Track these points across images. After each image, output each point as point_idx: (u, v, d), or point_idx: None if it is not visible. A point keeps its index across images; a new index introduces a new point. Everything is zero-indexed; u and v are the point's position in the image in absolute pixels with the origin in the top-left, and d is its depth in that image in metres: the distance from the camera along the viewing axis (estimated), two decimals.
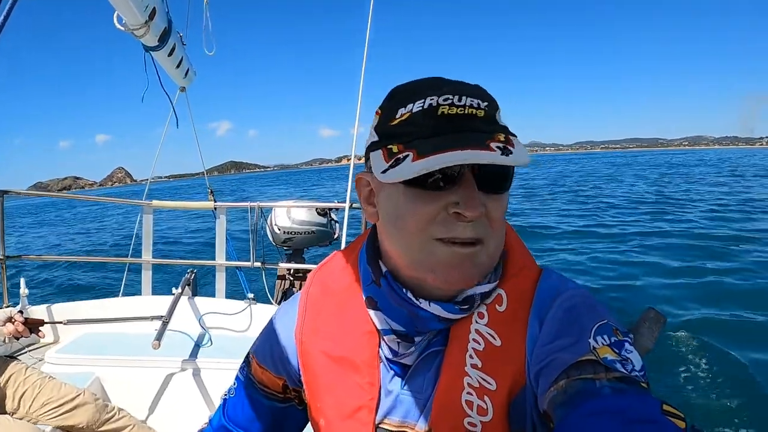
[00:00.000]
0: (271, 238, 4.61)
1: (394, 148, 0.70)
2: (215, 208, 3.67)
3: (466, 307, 0.74)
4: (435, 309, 0.74)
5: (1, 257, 3.28)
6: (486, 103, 0.69)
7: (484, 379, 0.72)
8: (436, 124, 0.68)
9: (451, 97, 0.68)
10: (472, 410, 0.72)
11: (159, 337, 2.28)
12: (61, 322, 2.63)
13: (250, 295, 3.32)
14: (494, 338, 0.74)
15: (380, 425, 0.80)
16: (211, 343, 2.85)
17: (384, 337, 0.81)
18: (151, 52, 3.11)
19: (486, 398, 0.72)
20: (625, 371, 0.61)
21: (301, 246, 4.68)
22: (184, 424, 2.40)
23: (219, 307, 3.22)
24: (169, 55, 3.34)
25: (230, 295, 3.60)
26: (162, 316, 2.56)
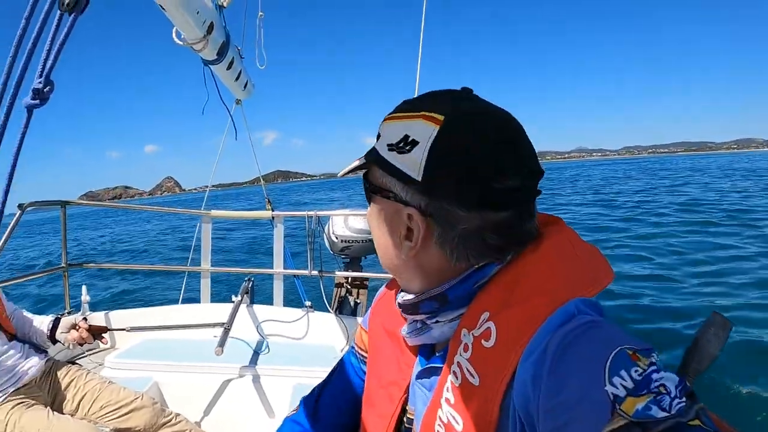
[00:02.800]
0: (328, 247, 4.65)
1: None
2: (273, 217, 3.72)
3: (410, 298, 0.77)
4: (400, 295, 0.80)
5: (64, 265, 3.46)
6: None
7: (452, 417, 0.67)
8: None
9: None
10: None
11: (221, 343, 2.32)
12: (122, 329, 2.73)
13: (308, 303, 3.35)
14: (472, 376, 0.65)
15: (405, 405, 0.83)
16: (269, 350, 2.89)
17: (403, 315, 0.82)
18: (210, 65, 3.22)
19: None
20: (664, 414, 0.49)
21: (359, 254, 4.69)
22: (242, 428, 2.44)
23: (277, 315, 3.27)
24: (228, 68, 3.44)
25: (288, 303, 3.64)
26: (222, 323, 2.61)
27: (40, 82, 0.68)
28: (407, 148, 0.69)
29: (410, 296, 0.75)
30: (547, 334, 0.59)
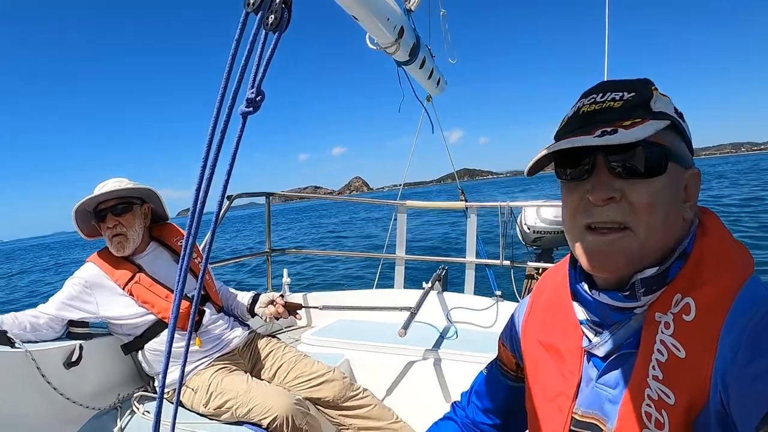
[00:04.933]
0: (520, 238, 4.61)
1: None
2: (466, 208, 3.75)
3: (627, 293, 0.75)
4: (603, 298, 0.78)
5: (267, 250, 3.83)
6: (632, 94, 0.75)
7: (663, 392, 0.69)
8: (575, 122, 0.79)
9: (596, 96, 0.77)
10: (650, 422, 0.70)
11: (406, 326, 2.41)
12: (317, 308, 2.96)
13: (498, 293, 3.35)
14: (678, 350, 0.69)
15: (575, 413, 0.84)
16: (457, 336, 2.95)
17: (582, 327, 0.85)
18: (403, 66, 3.39)
19: (663, 412, 0.68)
20: None
21: (550, 246, 4.59)
22: (424, 409, 2.52)
23: (467, 303, 3.32)
24: (421, 67, 3.58)
25: (479, 292, 3.66)
26: (411, 308, 2.73)
27: (252, 92, 0.79)
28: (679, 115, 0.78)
29: (653, 269, 0.74)
30: (748, 305, 0.66)
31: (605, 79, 0.80)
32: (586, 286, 0.81)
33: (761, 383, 0.58)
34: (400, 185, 5.32)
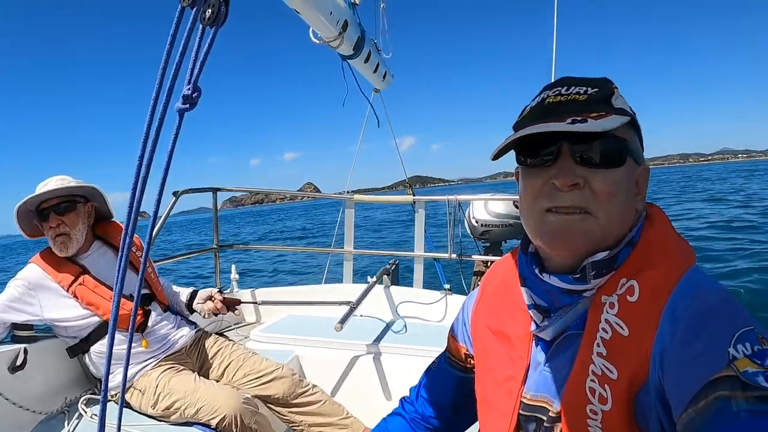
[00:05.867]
0: (468, 231, 4.67)
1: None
2: (414, 202, 3.78)
3: (578, 276, 0.78)
4: (553, 280, 0.80)
5: (215, 246, 3.77)
6: (595, 90, 0.78)
7: (606, 367, 0.72)
8: (540, 112, 0.81)
9: (560, 89, 0.80)
10: (594, 397, 0.72)
11: (343, 320, 2.41)
12: (256, 303, 2.92)
13: (447, 286, 3.38)
14: (622, 328, 0.73)
15: (524, 398, 0.86)
16: (406, 330, 2.97)
17: (530, 312, 0.87)
18: (347, 60, 3.37)
19: (606, 387, 0.71)
20: (767, 385, 0.57)
21: (499, 239, 4.66)
22: (374, 404, 2.53)
23: (415, 297, 3.34)
24: (366, 61, 3.58)
25: (427, 285, 3.70)
26: (351, 302, 2.74)
27: (189, 89, 0.76)
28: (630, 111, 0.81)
29: (603, 253, 0.77)
30: (689, 290, 0.71)
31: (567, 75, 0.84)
32: (536, 270, 0.84)
33: (697, 362, 0.62)
34: (347, 190, 5.30)
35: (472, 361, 1.05)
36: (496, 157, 0.84)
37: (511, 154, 0.85)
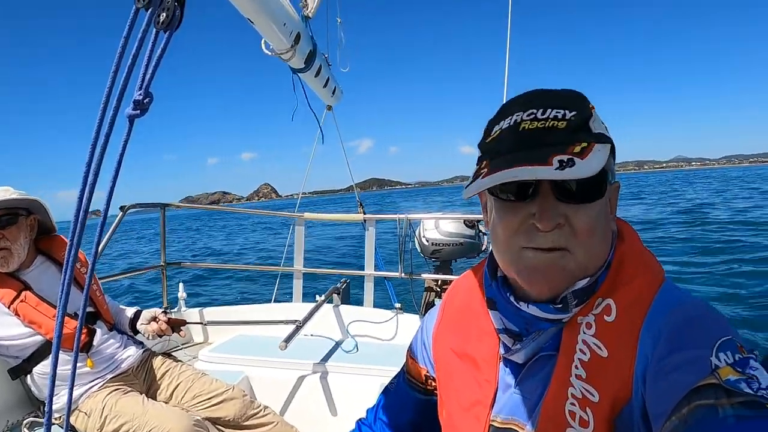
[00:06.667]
0: (419, 250, 4.68)
1: (482, 165, 0.77)
2: (365, 220, 3.77)
3: (560, 306, 0.75)
4: (533, 310, 0.77)
5: (162, 264, 3.66)
6: (573, 113, 0.73)
7: (587, 390, 0.70)
8: (516, 140, 0.74)
9: (535, 111, 0.73)
10: (574, 421, 0.70)
11: (288, 339, 2.37)
12: (212, 323, 2.84)
13: (397, 305, 3.37)
14: (600, 349, 0.71)
15: (493, 421, 0.83)
16: (357, 350, 2.94)
17: (500, 336, 0.84)
18: (298, 73, 3.34)
19: (588, 410, 0.69)
20: (750, 391, 0.57)
21: (449, 257, 4.69)
22: (327, 425, 2.49)
23: (366, 316, 3.32)
24: (316, 75, 3.55)
25: (378, 304, 3.68)
26: (298, 321, 2.69)
27: (140, 94, 0.73)
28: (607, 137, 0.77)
29: (584, 281, 0.75)
30: (666, 305, 0.70)
31: (537, 88, 0.79)
32: (512, 298, 0.80)
33: (680, 371, 0.62)
34: (300, 195, 5.26)
35: (434, 383, 1.02)
36: (470, 197, 0.78)
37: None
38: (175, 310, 2.46)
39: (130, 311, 2.46)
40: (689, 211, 22.39)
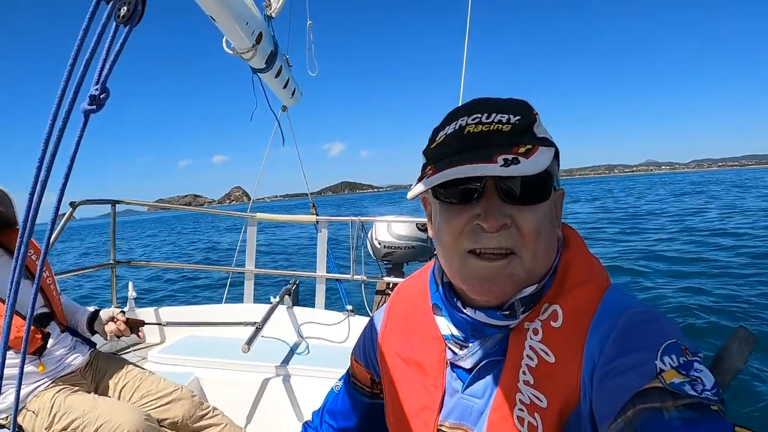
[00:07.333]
0: (371, 252, 4.68)
1: (427, 169, 0.77)
2: (317, 222, 3.76)
3: (507, 312, 0.76)
4: (480, 316, 0.78)
5: (112, 262, 3.58)
6: (517, 117, 0.73)
7: (535, 396, 0.71)
8: (461, 142, 0.74)
9: (480, 116, 0.73)
10: (523, 426, 0.71)
11: (249, 341, 2.35)
12: (163, 324, 2.80)
13: (349, 307, 3.38)
14: (548, 354, 0.72)
15: (441, 426, 0.83)
16: (308, 352, 2.93)
17: (446, 342, 0.85)
18: (258, 74, 3.31)
19: (537, 415, 0.70)
20: (694, 393, 0.58)
21: (401, 261, 4.70)
22: (277, 427, 2.47)
23: (318, 318, 3.31)
24: (276, 76, 3.52)
25: (330, 306, 3.67)
26: (257, 323, 2.67)
27: (96, 89, 0.70)
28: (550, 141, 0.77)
29: (532, 287, 0.75)
30: (612, 310, 0.71)
31: (483, 97, 0.78)
32: (459, 304, 0.81)
33: (626, 375, 0.63)
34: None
35: (380, 387, 1.01)
36: (415, 196, 0.79)
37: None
38: (126, 309, 2.40)
39: (87, 310, 2.40)
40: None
